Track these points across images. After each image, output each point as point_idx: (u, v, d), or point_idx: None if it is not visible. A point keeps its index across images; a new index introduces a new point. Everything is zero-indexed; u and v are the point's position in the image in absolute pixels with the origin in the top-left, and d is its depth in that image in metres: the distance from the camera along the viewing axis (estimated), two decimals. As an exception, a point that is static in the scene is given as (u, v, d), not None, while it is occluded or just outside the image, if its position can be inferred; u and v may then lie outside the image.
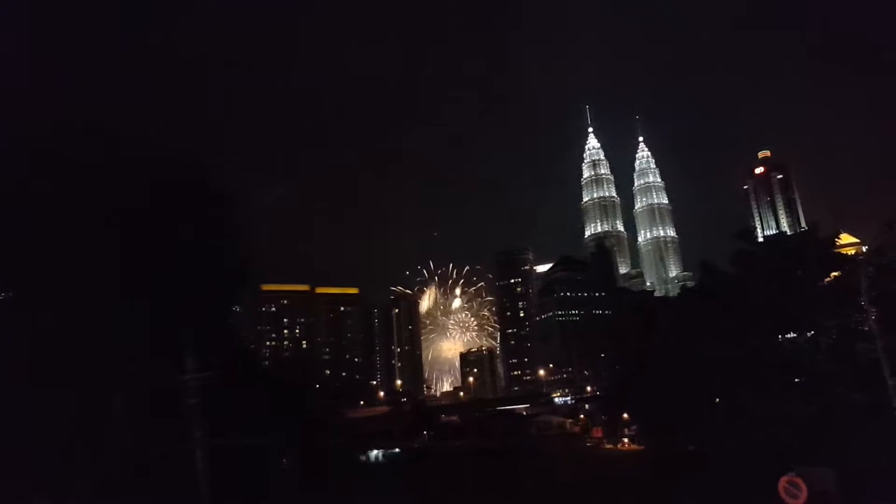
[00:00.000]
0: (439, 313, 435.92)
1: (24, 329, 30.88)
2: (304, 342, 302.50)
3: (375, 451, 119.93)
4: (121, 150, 35.83)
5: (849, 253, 59.84)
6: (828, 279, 50.05)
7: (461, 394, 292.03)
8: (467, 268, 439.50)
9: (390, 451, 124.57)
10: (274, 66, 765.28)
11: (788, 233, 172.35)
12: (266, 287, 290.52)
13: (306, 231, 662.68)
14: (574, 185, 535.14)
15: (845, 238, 75.58)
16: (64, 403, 30.77)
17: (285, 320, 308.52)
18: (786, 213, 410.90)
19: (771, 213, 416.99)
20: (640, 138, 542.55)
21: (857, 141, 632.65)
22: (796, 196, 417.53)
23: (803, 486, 25.74)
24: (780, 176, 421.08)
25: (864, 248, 70.85)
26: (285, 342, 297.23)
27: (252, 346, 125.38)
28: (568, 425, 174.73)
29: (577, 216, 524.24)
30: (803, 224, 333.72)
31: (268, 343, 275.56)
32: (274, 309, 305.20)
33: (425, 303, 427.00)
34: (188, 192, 38.08)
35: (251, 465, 41.40)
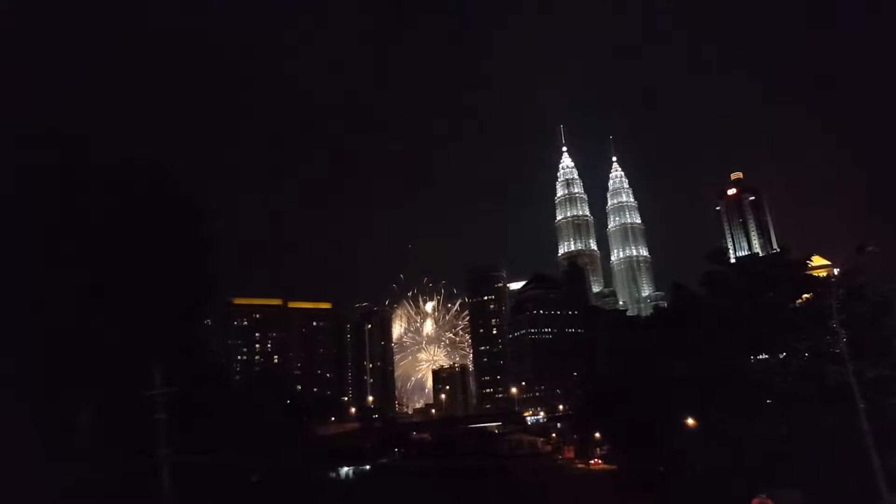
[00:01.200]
0: (413, 330, 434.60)
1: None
2: (275, 357, 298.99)
3: (345, 468, 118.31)
4: (89, 158, 35.08)
5: (820, 275, 60.72)
6: (799, 301, 50.73)
7: (433, 411, 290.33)
8: (444, 282, 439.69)
9: (360, 468, 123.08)
10: (242, 77, 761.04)
11: (760, 254, 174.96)
12: (238, 301, 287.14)
13: (280, 245, 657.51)
14: (548, 203, 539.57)
15: (817, 260, 76.93)
16: (29, 416, 29.90)
17: (257, 334, 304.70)
18: (758, 234, 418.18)
19: (743, 235, 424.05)
20: (614, 158, 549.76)
21: (829, 165, 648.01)
22: (768, 218, 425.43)
23: (774, 508, 25.93)
24: (752, 198, 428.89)
25: (835, 271, 72.00)
26: (256, 356, 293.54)
27: (222, 361, 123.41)
28: (539, 444, 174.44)
29: (551, 234, 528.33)
30: (775, 246, 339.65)
31: (239, 357, 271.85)
32: (246, 323, 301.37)
33: (398, 323, 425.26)
34: (157, 204, 37.45)
35: (218, 480, 40.44)
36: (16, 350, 29.92)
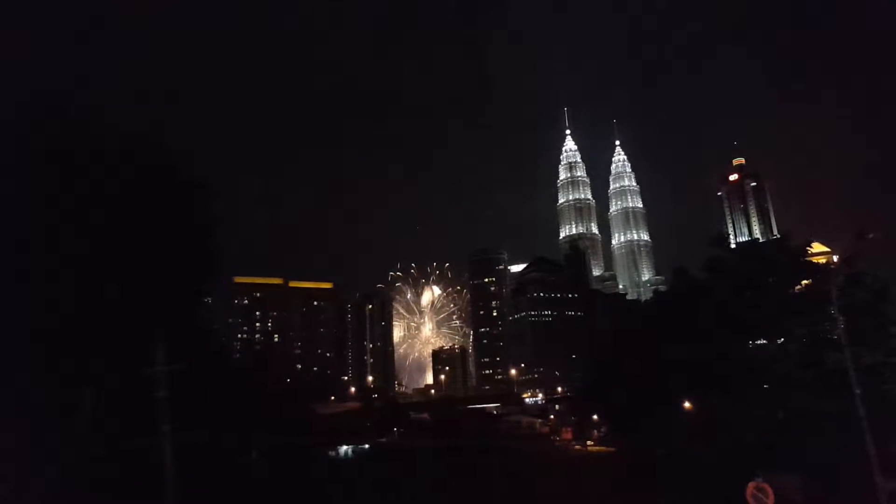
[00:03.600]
0: (414, 311, 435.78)
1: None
2: (276, 336, 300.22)
3: (345, 447, 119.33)
4: (88, 136, 34.92)
5: (820, 262, 60.68)
6: (798, 287, 50.78)
7: (432, 391, 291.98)
8: (447, 265, 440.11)
9: (359, 447, 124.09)
10: (253, 61, 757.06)
11: (761, 240, 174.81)
12: (239, 279, 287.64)
13: (282, 225, 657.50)
14: (551, 186, 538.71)
15: (817, 247, 76.92)
16: (32, 392, 30.10)
17: (258, 313, 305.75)
18: (758, 220, 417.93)
19: (744, 220, 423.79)
20: (617, 142, 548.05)
21: (831, 151, 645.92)
22: (769, 204, 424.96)
23: (770, 492, 26.08)
24: (753, 183, 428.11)
25: (834, 258, 72.01)
26: (257, 335, 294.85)
27: (223, 339, 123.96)
28: (538, 425, 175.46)
29: (553, 218, 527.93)
30: (776, 231, 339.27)
31: (239, 336, 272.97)
32: (246, 302, 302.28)
33: (399, 305, 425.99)
34: (159, 181, 37.35)
35: (218, 457, 40.86)
36: (16, 328, 30.03)
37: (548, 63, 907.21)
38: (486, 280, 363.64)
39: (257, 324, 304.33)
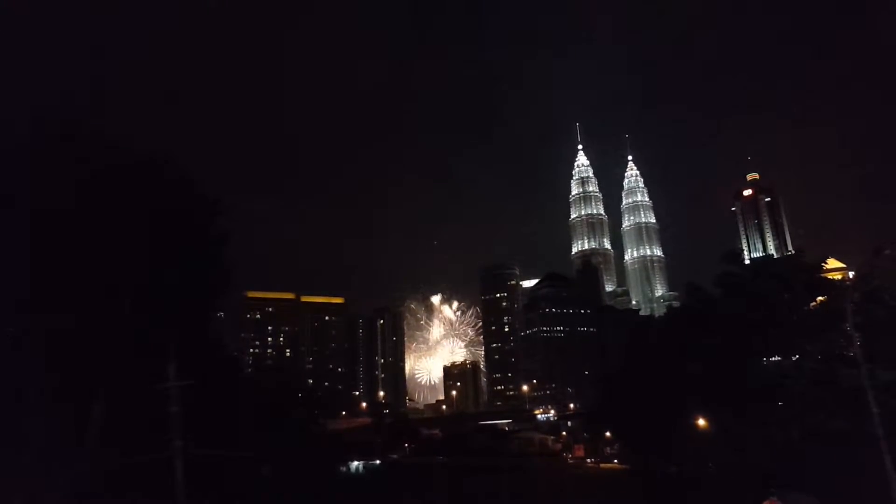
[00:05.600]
0: (425, 327, 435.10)
1: (3, 335, 30.29)
2: (287, 350, 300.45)
3: (356, 463, 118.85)
4: (102, 149, 35.32)
5: (835, 278, 60.13)
6: (813, 304, 50.31)
7: (443, 407, 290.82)
8: (454, 283, 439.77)
9: (370, 462, 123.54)
10: (263, 76, 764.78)
11: (775, 255, 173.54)
12: (251, 294, 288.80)
13: (294, 241, 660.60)
14: (563, 201, 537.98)
15: (832, 263, 76.19)
16: (44, 406, 30.24)
17: (269, 328, 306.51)
18: (773, 235, 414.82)
19: (758, 236, 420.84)
20: (630, 156, 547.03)
21: (846, 167, 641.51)
22: (784, 219, 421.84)
23: (785, 511, 25.79)
24: (767, 199, 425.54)
25: (850, 274, 71.34)
26: (269, 350, 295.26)
27: (235, 354, 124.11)
28: (549, 442, 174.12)
29: (565, 233, 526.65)
30: (790, 247, 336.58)
31: (251, 350, 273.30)
32: (258, 316, 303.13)
33: (410, 320, 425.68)
34: (172, 196, 37.68)
35: (230, 473, 40.80)
36: (28, 343, 30.26)
37: (561, 77, 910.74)
38: (498, 295, 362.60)
39: (269, 338, 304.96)
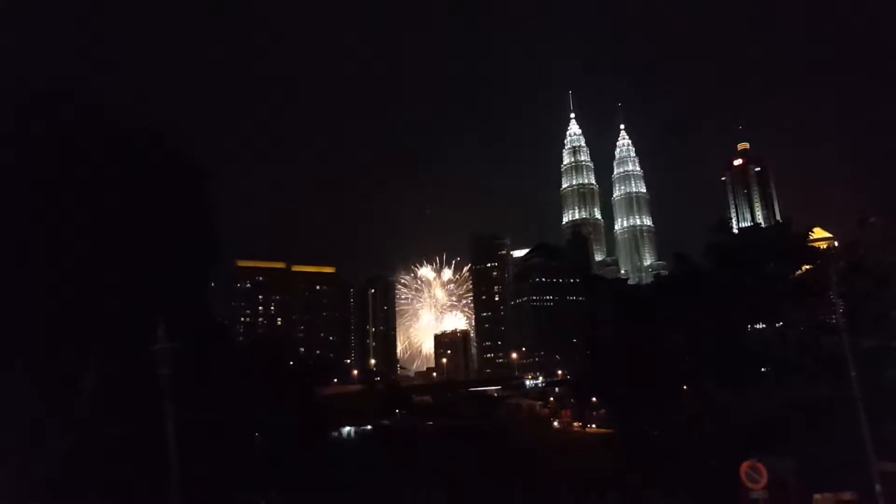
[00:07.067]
0: (416, 295, 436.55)
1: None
2: (278, 319, 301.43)
3: (348, 428, 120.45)
4: (90, 120, 34.97)
5: (821, 247, 60.71)
6: (799, 273, 50.88)
7: (434, 375, 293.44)
8: (445, 252, 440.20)
9: (362, 428, 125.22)
10: (256, 47, 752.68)
11: (764, 226, 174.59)
12: (242, 263, 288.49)
13: (285, 210, 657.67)
14: (554, 171, 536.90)
15: (818, 233, 76.74)
16: (33, 377, 30.34)
17: (260, 297, 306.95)
18: (762, 205, 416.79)
19: (747, 206, 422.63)
20: (622, 125, 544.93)
21: (834, 138, 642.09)
22: (773, 189, 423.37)
23: (764, 472, 26.51)
24: (757, 168, 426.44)
25: (836, 244, 72.03)
26: (260, 319, 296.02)
27: (226, 322, 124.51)
28: (537, 408, 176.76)
29: (556, 203, 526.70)
30: (779, 217, 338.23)
31: (242, 319, 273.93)
32: (249, 285, 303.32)
33: (402, 289, 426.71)
34: (160, 164, 37.47)
35: (222, 438, 41.30)
36: (16, 312, 30.20)
37: (552, 45, 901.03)
38: (489, 265, 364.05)
39: (260, 307, 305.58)
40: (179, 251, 36.51)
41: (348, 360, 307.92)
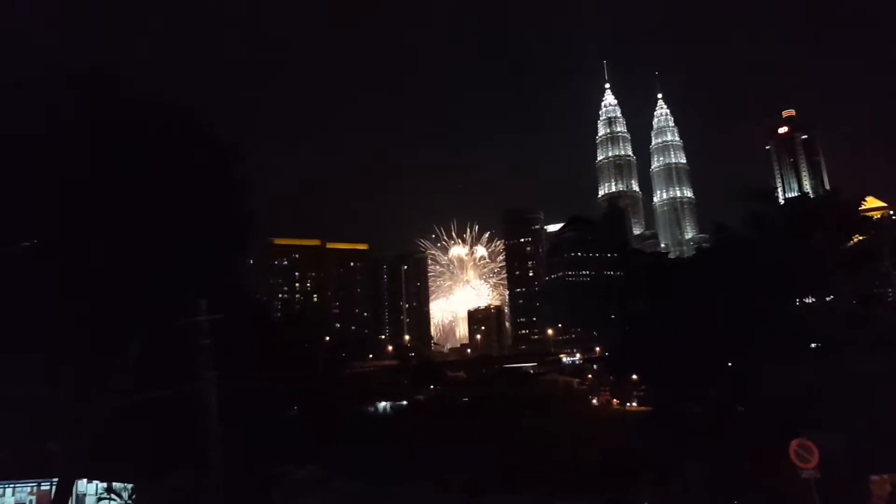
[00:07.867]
0: (450, 271, 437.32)
1: (43, 276, 30.56)
2: (314, 296, 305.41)
3: (383, 403, 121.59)
4: (121, 93, 34.91)
5: (874, 217, 58.30)
6: (849, 243, 48.99)
7: (468, 351, 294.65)
8: (477, 226, 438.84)
9: (397, 403, 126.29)
10: (283, 26, 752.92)
11: (811, 195, 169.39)
12: (278, 241, 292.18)
13: (319, 187, 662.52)
14: (589, 143, 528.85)
15: (871, 202, 73.85)
16: (77, 343, 30.80)
17: (296, 274, 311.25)
18: (809, 175, 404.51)
19: (793, 175, 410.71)
20: (659, 95, 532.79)
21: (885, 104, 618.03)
22: (821, 158, 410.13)
23: (815, 450, 25.48)
24: (804, 136, 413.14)
25: (890, 213, 69.40)
26: (296, 295, 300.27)
27: (264, 298, 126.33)
28: (574, 385, 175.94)
29: (592, 175, 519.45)
30: (827, 187, 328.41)
31: (279, 295, 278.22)
32: (285, 263, 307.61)
33: (435, 264, 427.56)
34: (191, 141, 37.34)
35: (259, 410, 41.74)
36: (52, 285, 30.52)
37: (587, 14, 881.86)
38: (522, 240, 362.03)
39: (296, 284, 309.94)
40: (213, 226, 36.54)
41: (382, 336, 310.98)
